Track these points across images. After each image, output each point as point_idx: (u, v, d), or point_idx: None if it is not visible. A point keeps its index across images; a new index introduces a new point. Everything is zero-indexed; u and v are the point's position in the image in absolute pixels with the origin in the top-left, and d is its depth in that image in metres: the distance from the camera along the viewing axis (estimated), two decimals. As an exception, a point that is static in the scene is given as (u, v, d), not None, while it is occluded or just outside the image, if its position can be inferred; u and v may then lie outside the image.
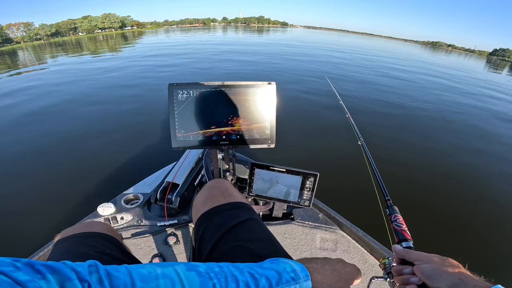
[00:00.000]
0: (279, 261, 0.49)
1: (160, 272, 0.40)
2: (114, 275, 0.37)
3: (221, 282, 0.41)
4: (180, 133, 1.08)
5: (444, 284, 0.44)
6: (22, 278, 0.29)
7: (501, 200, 2.61)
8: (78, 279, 0.34)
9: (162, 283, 0.38)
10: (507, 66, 35.92)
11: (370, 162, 1.05)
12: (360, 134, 1.33)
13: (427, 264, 0.49)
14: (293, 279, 0.45)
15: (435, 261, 0.49)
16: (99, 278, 0.36)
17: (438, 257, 0.50)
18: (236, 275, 0.42)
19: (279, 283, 0.44)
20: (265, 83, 1.08)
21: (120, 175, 2.61)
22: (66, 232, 0.68)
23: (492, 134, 4.51)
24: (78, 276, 0.34)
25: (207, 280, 0.41)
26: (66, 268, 0.34)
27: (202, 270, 0.42)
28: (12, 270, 0.29)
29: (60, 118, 4.22)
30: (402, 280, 0.52)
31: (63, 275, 0.33)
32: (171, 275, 0.40)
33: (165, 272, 0.40)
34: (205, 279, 0.41)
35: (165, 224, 1.28)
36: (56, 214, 2.09)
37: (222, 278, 0.42)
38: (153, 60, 10.29)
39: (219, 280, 0.41)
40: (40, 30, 69.75)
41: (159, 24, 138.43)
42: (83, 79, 7.06)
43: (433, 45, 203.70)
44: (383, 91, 6.67)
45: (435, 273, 0.47)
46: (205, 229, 0.69)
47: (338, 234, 1.31)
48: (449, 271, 0.46)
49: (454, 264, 0.48)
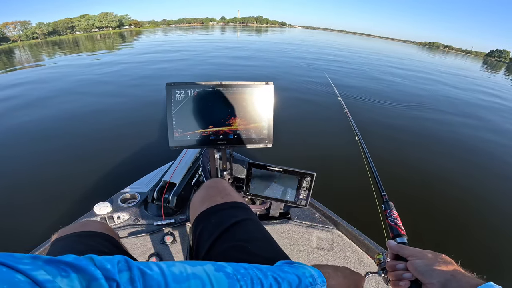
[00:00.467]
0: (297, 266, 0.50)
1: (191, 272, 0.40)
2: (148, 273, 0.36)
3: (247, 284, 0.42)
4: (177, 133, 1.08)
5: (437, 280, 0.45)
6: (42, 278, 0.27)
7: (495, 198, 2.64)
8: (105, 278, 0.32)
9: (193, 284, 0.38)
10: (503, 68, 36.18)
11: (367, 157, 1.05)
12: (358, 130, 1.33)
13: (420, 259, 0.50)
14: (311, 284, 0.47)
15: (428, 257, 0.49)
16: (131, 277, 0.34)
17: (432, 253, 0.51)
18: (261, 278, 0.44)
19: (299, 287, 0.45)
20: (262, 83, 1.09)
21: (117, 174, 2.60)
22: (63, 231, 0.68)
23: (490, 131, 4.56)
24: (106, 274, 0.33)
25: (235, 282, 0.41)
26: (91, 266, 0.32)
27: (229, 271, 0.43)
28: (31, 269, 0.27)
29: (55, 117, 4.18)
30: (396, 276, 0.53)
31: (88, 274, 0.31)
32: (201, 275, 0.40)
33: (195, 272, 0.40)
34: (233, 281, 0.41)
35: (162, 224, 1.28)
36: (52, 213, 2.08)
37: (249, 280, 0.42)
38: (151, 59, 10.25)
39: (246, 282, 0.42)
40: (37, 28, 69.30)
41: (157, 23, 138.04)
42: (78, 77, 7.03)
43: (430, 45, 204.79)
44: (381, 89, 6.70)
45: (428, 269, 0.47)
46: (203, 229, 0.69)
47: (334, 234, 1.32)
48: (442, 268, 0.46)
49: (447, 260, 0.49)
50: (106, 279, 0.32)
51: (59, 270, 0.29)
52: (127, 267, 0.36)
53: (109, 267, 0.34)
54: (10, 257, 0.27)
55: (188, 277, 0.39)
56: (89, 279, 0.31)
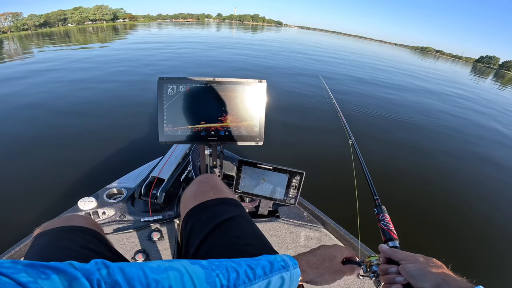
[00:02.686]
0: (270, 255, 0.54)
1: (168, 265, 0.42)
2: (126, 269, 0.38)
3: (223, 272, 0.45)
4: (168, 128, 1.07)
5: (428, 284, 0.46)
6: (24, 279, 0.28)
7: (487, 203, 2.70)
8: (85, 277, 0.34)
9: (172, 274, 0.41)
10: (491, 74, 37.10)
11: (361, 161, 1.05)
12: (352, 134, 1.33)
13: (412, 264, 0.50)
14: (284, 267, 0.50)
15: (420, 261, 0.50)
16: (108, 272, 0.37)
17: (423, 257, 0.51)
18: (235, 267, 0.47)
19: (272, 271, 0.49)
20: (256, 81, 1.09)
21: (103, 168, 2.52)
22: (47, 226, 0.66)
23: (479, 137, 4.68)
24: (85, 274, 0.34)
25: (210, 271, 0.44)
26: (71, 267, 0.34)
27: (204, 264, 0.46)
28: (13, 272, 0.28)
29: (37, 108, 4.01)
30: (388, 279, 0.53)
31: (69, 274, 0.32)
32: (178, 267, 0.42)
33: (172, 265, 0.43)
34: (208, 271, 0.44)
35: (149, 220, 1.26)
36: (34, 208, 2.00)
37: (224, 269, 0.46)
38: (142, 53, 10.12)
39: (221, 271, 0.45)
40: (29, 20, 67.54)
41: (152, 17, 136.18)
42: (67, 69, 6.83)
43: (422, 50, 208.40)
44: (378, 94, 6.79)
45: (420, 273, 0.48)
46: (194, 224, 0.69)
47: (322, 233, 1.33)
48: (433, 271, 0.47)
49: (438, 264, 0.49)
50: (86, 278, 0.34)
51: (39, 272, 0.31)
52: (105, 265, 0.38)
53: (88, 267, 0.36)
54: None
55: (166, 269, 0.41)
56: (70, 279, 0.32)
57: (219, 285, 0.43)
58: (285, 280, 0.49)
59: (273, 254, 0.56)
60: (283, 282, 0.49)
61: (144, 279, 0.38)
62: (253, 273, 0.47)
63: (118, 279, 0.36)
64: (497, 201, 2.79)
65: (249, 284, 0.46)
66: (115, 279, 0.36)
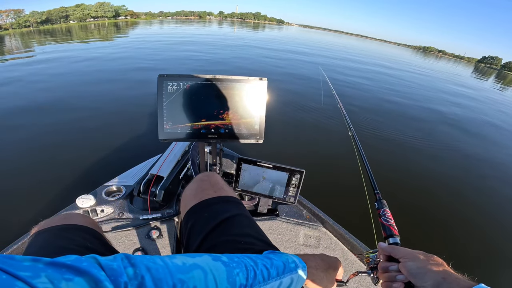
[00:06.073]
0: (280, 254, 0.54)
1: (192, 263, 0.41)
2: (153, 268, 0.36)
3: (243, 271, 0.45)
4: (167, 125, 1.07)
5: (429, 283, 0.45)
6: (42, 286, 0.25)
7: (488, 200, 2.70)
8: (111, 279, 0.31)
9: (196, 274, 0.40)
10: (493, 74, 36.98)
11: (361, 153, 1.02)
12: (352, 125, 1.31)
13: (412, 261, 0.49)
14: (294, 268, 0.52)
15: (420, 259, 0.49)
16: (135, 272, 0.34)
17: (424, 254, 0.50)
18: (253, 266, 0.47)
19: (285, 271, 0.50)
20: (256, 78, 1.09)
21: (102, 166, 2.50)
22: (44, 224, 0.65)
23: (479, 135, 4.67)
24: (111, 275, 0.32)
25: (231, 269, 0.44)
26: (94, 268, 0.31)
27: (225, 260, 0.45)
28: (31, 276, 0.26)
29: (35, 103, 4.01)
30: (389, 278, 0.53)
31: (92, 276, 0.30)
32: (202, 265, 0.42)
33: (196, 263, 0.42)
34: (230, 268, 0.44)
35: (148, 218, 1.26)
36: (31, 205, 1.99)
37: (243, 267, 0.45)
38: (143, 51, 10.10)
39: (241, 269, 0.45)
40: (30, 17, 67.52)
41: (153, 15, 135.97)
42: (67, 67, 6.80)
43: (424, 50, 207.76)
44: (376, 89, 6.77)
45: (420, 271, 0.47)
46: (195, 222, 0.68)
47: (321, 231, 1.32)
48: (434, 270, 0.46)
49: (439, 262, 0.48)
50: (112, 281, 0.31)
51: (60, 273, 0.28)
52: (130, 263, 0.35)
53: (115, 266, 0.33)
54: (10, 261, 0.26)
55: (191, 267, 0.40)
56: (95, 281, 0.30)
57: (238, 285, 0.43)
58: (294, 281, 0.51)
59: None
60: (291, 283, 0.50)
61: (170, 279, 0.37)
62: (268, 273, 0.47)
63: (145, 282, 0.34)
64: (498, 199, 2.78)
65: (263, 284, 0.46)
66: (143, 281, 0.34)
